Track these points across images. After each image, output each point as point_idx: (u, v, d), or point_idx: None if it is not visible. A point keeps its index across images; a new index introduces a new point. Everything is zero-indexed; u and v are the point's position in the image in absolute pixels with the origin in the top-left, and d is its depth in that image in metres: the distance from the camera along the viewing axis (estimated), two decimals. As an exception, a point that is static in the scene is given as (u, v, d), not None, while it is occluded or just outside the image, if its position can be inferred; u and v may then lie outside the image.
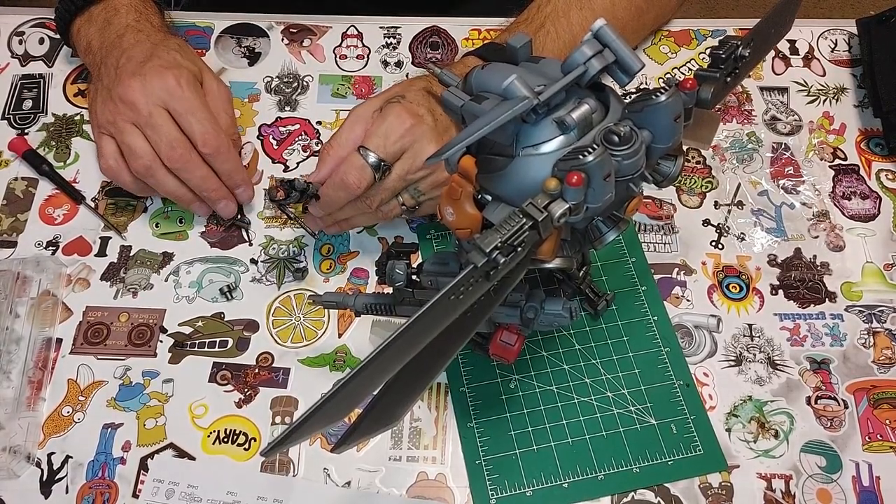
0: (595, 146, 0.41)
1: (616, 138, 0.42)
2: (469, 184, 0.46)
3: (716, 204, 0.72)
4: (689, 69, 0.79)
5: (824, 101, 0.78)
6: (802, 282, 0.68)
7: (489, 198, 0.46)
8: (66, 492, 0.59)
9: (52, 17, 0.83)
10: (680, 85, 0.45)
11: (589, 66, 0.44)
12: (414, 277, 0.56)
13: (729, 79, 0.48)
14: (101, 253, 0.70)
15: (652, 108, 0.43)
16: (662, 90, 0.43)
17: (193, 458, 0.61)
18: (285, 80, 0.79)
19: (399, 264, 0.56)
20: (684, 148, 0.49)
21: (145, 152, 0.65)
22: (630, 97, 0.47)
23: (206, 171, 0.66)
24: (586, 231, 0.49)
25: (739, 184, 0.73)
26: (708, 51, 0.48)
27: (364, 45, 0.82)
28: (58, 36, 0.82)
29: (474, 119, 0.44)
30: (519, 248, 0.40)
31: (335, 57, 0.81)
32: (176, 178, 0.66)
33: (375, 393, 0.40)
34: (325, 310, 0.66)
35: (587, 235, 0.49)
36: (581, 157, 0.41)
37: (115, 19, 0.71)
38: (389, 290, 0.58)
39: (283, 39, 0.82)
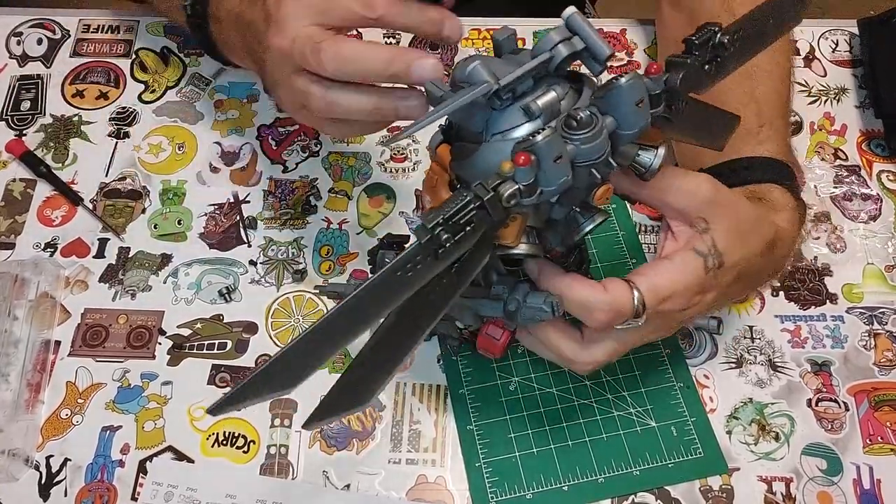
0: (545, 128, 0.41)
1: (574, 122, 0.42)
2: (445, 171, 0.46)
3: (716, 205, 0.72)
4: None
5: (825, 101, 0.78)
6: (803, 283, 0.68)
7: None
8: (65, 495, 0.59)
9: (51, 18, 0.83)
10: (645, 70, 0.45)
11: (555, 52, 0.44)
12: None
13: (708, 66, 0.47)
14: (100, 255, 0.69)
15: (613, 92, 0.43)
16: (624, 74, 0.43)
17: (192, 461, 0.61)
18: (284, 80, 0.79)
19: (389, 254, 0.55)
20: (672, 144, 0.49)
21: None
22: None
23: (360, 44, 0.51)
24: (566, 223, 0.49)
25: (740, 185, 0.73)
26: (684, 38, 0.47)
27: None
28: (57, 36, 0.82)
29: None
30: (468, 228, 0.40)
31: (334, 57, 0.81)
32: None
33: (343, 372, 0.41)
34: (325, 309, 0.66)
35: (566, 227, 0.49)
36: (531, 137, 0.41)
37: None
38: None
39: (282, 40, 0.82)
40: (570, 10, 0.44)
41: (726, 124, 0.54)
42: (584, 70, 0.46)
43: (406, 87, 0.51)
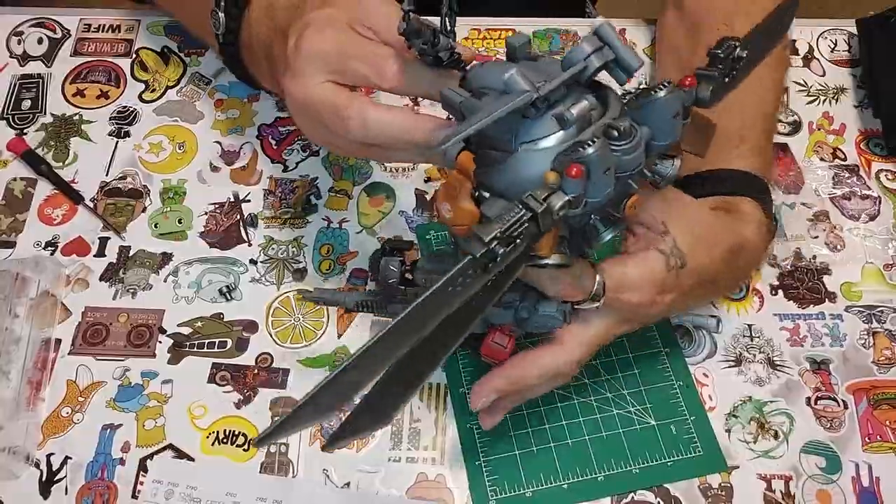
0: (595, 140, 0.41)
1: (616, 133, 0.43)
2: (467, 180, 0.46)
3: (715, 204, 0.72)
4: (689, 69, 0.79)
5: (824, 101, 0.78)
6: (802, 282, 0.68)
7: (487, 194, 0.46)
8: (66, 493, 0.59)
9: (52, 18, 0.83)
10: (679, 82, 0.45)
11: (588, 63, 0.44)
12: (407, 276, 0.56)
13: (727, 79, 0.48)
14: (100, 253, 0.69)
15: (651, 104, 0.44)
16: (662, 86, 0.44)
17: (192, 459, 0.61)
18: (284, 80, 0.79)
19: (393, 261, 0.55)
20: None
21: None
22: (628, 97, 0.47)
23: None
24: (584, 231, 0.49)
25: (739, 184, 0.73)
26: (706, 51, 0.48)
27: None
28: (57, 36, 0.82)
29: (473, 113, 0.44)
30: (518, 241, 0.40)
31: (334, 57, 0.81)
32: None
33: (369, 388, 0.40)
34: (325, 308, 0.66)
35: (585, 235, 0.49)
36: (581, 149, 0.41)
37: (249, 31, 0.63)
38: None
39: (282, 39, 0.82)
40: (601, 20, 0.44)
41: (706, 130, 0.55)
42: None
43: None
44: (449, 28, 0.47)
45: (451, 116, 0.48)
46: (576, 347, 0.54)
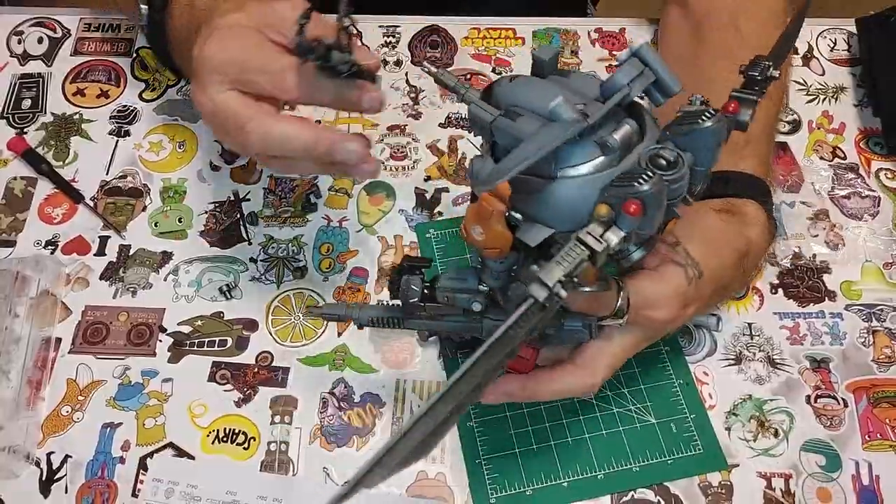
0: (650, 174, 0.40)
1: (664, 162, 0.42)
2: (501, 203, 0.44)
3: (715, 203, 0.72)
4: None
5: (823, 100, 0.78)
6: (802, 281, 0.68)
7: (519, 216, 0.45)
8: (66, 491, 0.59)
9: (52, 17, 0.83)
10: (723, 108, 0.45)
11: (632, 88, 0.43)
12: (425, 292, 0.55)
13: (759, 99, 0.48)
14: (100, 252, 0.69)
15: (697, 133, 0.43)
16: (708, 114, 0.43)
17: (193, 458, 0.61)
18: (284, 79, 0.79)
19: (414, 279, 0.54)
20: None
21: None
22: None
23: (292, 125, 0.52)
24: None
25: (739, 183, 0.73)
26: (741, 69, 0.47)
27: (363, 44, 0.82)
28: (58, 35, 0.82)
29: (506, 135, 0.43)
30: (575, 279, 0.39)
31: (334, 56, 0.81)
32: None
33: (406, 429, 0.38)
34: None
35: (614, 254, 0.49)
36: (637, 184, 0.40)
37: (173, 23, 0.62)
38: (394, 301, 0.57)
39: (282, 38, 0.82)
40: (641, 41, 0.44)
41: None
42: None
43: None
44: (345, 43, 0.47)
45: (474, 131, 0.46)
46: (600, 369, 0.54)
